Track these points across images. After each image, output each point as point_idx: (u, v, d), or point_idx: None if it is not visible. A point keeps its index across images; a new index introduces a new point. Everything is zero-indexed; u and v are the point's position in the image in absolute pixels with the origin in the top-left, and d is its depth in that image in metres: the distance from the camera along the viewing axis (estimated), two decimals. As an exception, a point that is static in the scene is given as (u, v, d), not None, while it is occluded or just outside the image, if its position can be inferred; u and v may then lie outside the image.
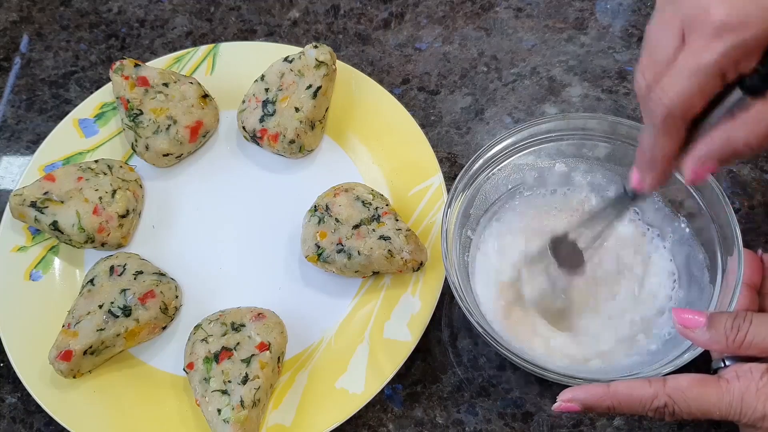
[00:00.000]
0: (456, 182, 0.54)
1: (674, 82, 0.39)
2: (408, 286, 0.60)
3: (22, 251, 0.63)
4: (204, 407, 0.54)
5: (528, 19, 0.74)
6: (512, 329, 0.54)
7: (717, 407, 0.41)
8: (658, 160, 0.42)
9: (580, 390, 0.44)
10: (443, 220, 0.53)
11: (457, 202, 0.54)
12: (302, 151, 0.65)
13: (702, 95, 0.39)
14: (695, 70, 0.38)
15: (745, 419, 0.41)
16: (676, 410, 0.42)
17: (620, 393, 0.43)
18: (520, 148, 0.56)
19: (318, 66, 0.64)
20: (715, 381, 0.42)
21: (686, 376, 0.43)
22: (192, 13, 0.77)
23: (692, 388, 0.42)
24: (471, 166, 0.55)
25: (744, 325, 0.42)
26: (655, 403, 0.42)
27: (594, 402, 0.43)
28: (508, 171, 0.57)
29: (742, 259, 0.49)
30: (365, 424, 0.57)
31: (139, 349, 0.60)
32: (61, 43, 0.76)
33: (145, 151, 0.65)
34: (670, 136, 0.41)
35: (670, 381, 0.42)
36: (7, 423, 0.59)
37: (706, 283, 0.52)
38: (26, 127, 0.71)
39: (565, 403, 0.44)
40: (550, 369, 0.47)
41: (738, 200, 0.64)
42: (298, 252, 0.62)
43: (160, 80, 0.66)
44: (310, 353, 0.59)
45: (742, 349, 0.42)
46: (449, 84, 0.71)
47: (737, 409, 0.41)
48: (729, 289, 0.49)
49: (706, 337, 0.43)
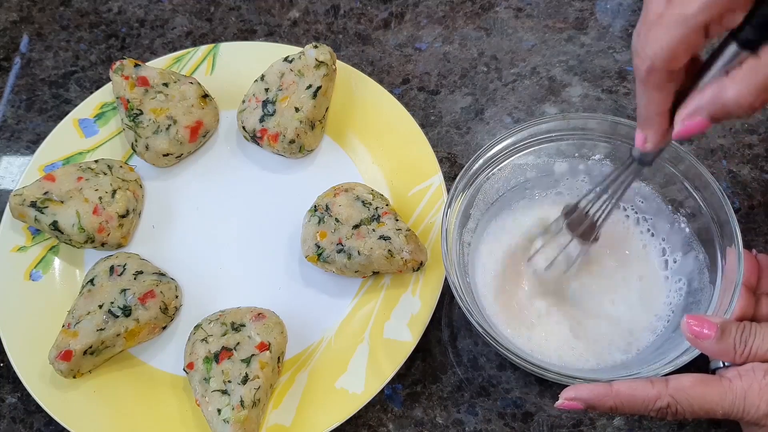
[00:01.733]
0: (456, 182, 0.54)
1: (658, 36, 0.39)
2: (408, 286, 0.60)
3: (22, 251, 0.63)
4: (204, 407, 0.54)
5: (528, 19, 0.74)
6: (512, 328, 0.54)
7: (720, 406, 0.42)
8: (653, 115, 0.43)
9: (583, 389, 0.44)
10: (443, 220, 0.53)
11: (457, 201, 0.54)
12: (302, 151, 0.65)
13: (686, 48, 0.38)
14: (677, 23, 0.38)
15: (748, 417, 0.41)
16: (679, 410, 0.42)
17: (623, 393, 0.43)
18: (520, 148, 0.56)
19: (318, 66, 0.64)
20: (717, 380, 0.42)
21: (688, 376, 0.43)
22: (192, 13, 0.77)
23: (695, 387, 0.42)
24: (471, 165, 0.55)
25: (750, 338, 0.43)
26: (658, 403, 0.42)
27: (596, 401, 0.43)
28: (508, 171, 0.57)
29: (742, 259, 0.49)
30: (365, 424, 0.57)
31: (139, 349, 0.60)
32: (61, 43, 0.76)
33: (145, 151, 0.65)
34: (658, 90, 0.41)
35: (672, 381, 0.42)
36: (7, 423, 0.59)
37: (706, 283, 0.52)
38: (26, 127, 0.71)
39: (568, 402, 0.44)
40: (550, 369, 0.47)
41: (738, 200, 0.64)
42: (298, 252, 0.62)
43: (160, 80, 0.66)
44: (310, 353, 0.59)
45: (748, 360, 0.43)
46: (449, 84, 0.71)
47: (740, 407, 0.41)
48: (729, 290, 0.49)
49: (715, 348, 0.43)
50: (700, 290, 0.52)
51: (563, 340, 0.54)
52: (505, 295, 0.56)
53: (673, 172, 0.54)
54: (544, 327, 0.55)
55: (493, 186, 0.57)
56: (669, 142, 0.45)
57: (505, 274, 0.56)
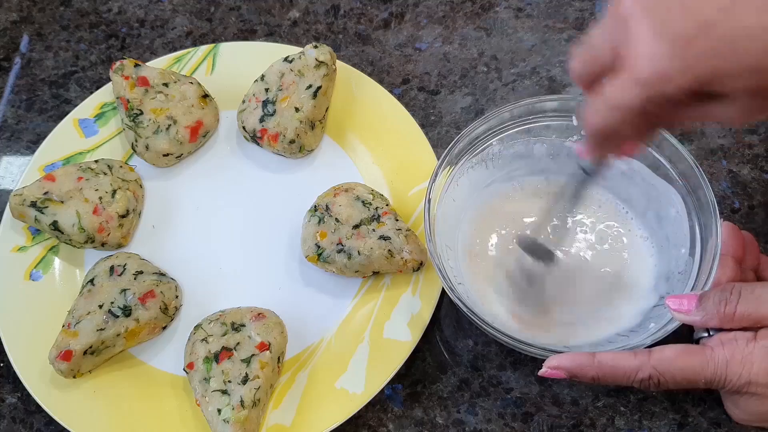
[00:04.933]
0: (440, 160, 0.55)
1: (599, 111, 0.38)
2: (408, 286, 0.60)
3: (22, 251, 0.63)
4: (204, 407, 0.54)
5: (528, 19, 0.74)
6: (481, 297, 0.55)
7: (702, 375, 0.42)
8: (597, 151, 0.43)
9: (566, 358, 0.44)
10: (427, 192, 0.53)
11: (443, 174, 0.55)
12: (302, 151, 0.65)
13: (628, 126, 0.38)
14: (617, 107, 0.37)
15: (730, 385, 0.42)
16: (662, 381, 0.43)
17: (605, 364, 0.43)
18: (503, 130, 0.57)
19: (318, 66, 0.64)
20: (699, 350, 0.43)
21: (671, 347, 0.43)
22: (192, 13, 0.77)
23: (677, 358, 0.43)
24: (455, 146, 0.55)
25: (732, 297, 0.43)
26: (640, 374, 0.43)
27: (579, 371, 0.44)
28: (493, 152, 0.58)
29: (719, 227, 0.49)
30: (365, 424, 0.57)
31: (139, 349, 0.60)
32: (61, 43, 0.76)
33: (145, 151, 0.65)
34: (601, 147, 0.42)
35: (655, 353, 0.43)
36: (7, 423, 0.59)
37: (686, 256, 0.52)
38: (26, 127, 0.71)
39: (551, 370, 0.45)
40: (536, 344, 0.47)
41: (738, 200, 0.64)
42: (298, 252, 0.62)
43: (160, 80, 0.66)
44: (310, 353, 0.59)
45: (735, 322, 0.43)
46: (449, 84, 0.71)
47: (722, 375, 0.42)
48: (709, 258, 0.49)
49: (699, 317, 0.44)
50: (680, 263, 0.53)
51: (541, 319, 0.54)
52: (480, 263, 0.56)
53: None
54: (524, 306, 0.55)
55: (479, 167, 0.58)
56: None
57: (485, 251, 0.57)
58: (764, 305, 0.42)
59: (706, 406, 0.56)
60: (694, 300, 0.44)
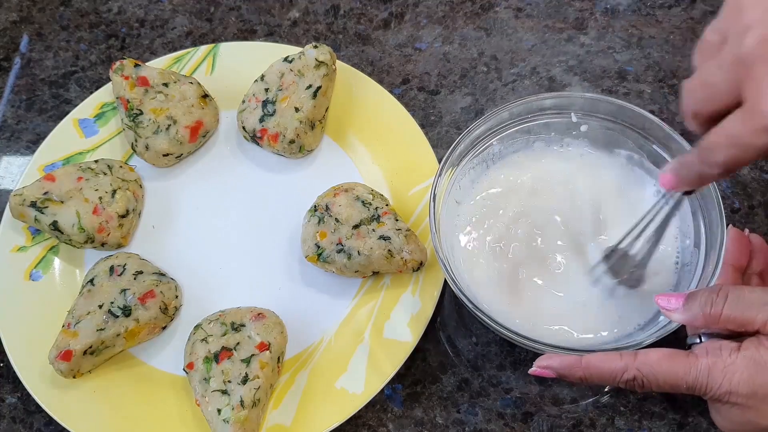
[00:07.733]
0: (445, 157, 0.55)
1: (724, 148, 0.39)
2: (408, 286, 0.60)
3: (22, 251, 0.63)
4: (204, 407, 0.54)
5: (528, 19, 0.74)
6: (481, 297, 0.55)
7: (684, 381, 0.43)
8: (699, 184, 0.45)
9: (555, 358, 0.46)
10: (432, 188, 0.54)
11: (447, 173, 0.55)
12: (302, 151, 0.65)
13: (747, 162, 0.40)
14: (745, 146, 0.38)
15: (710, 393, 0.42)
16: (645, 383, 0.44)
17: (592, 365, 0.45)
18: (507, 127, 0.57)
19: (318, 66, 0.64)
20: (684, 356, 0.43)
21: (656, 351, 0.44)
22: (192, 13, 0.77)
23: (661, 361, 0.43)
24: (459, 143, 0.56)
25: (718, 299, 0.43)
26: (625, 375, 0.44)
27: (566, 371, 0.46)
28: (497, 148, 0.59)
29: (723, 219, 0.50)
30: (365, 424, 0.57)
31: (139, 349, 0.60)
32: (61, 43, 0.76)
33: (145, 151, 0.65)
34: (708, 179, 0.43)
35: (640, 355, 0.44)
36: (7, 423, 0.59)
37: (692, 247, 0.53)
38: (26, 127, 0.71)
39: (540, 369, 0.47)
40: (537, 340, 0.48)
41: (738, 200, 0.64)
42: (298, 252, 0.62)
43: (160, 80, 0.66)
44: (310, 353, 0.59)
45: (720, 323, 0.43)
46: (449, 84, 0.71)
47: (703, 383, 0.42)
48: (714, 250, 0.50)
49: (683, 316, 0.45)
50: (685, 272, 0.54)
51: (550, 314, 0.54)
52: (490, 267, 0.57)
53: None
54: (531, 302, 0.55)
55: (480, 163, 0.58)
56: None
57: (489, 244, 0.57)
58: (750, 309, 0.42)
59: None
60: (681, 299, 0.45)
